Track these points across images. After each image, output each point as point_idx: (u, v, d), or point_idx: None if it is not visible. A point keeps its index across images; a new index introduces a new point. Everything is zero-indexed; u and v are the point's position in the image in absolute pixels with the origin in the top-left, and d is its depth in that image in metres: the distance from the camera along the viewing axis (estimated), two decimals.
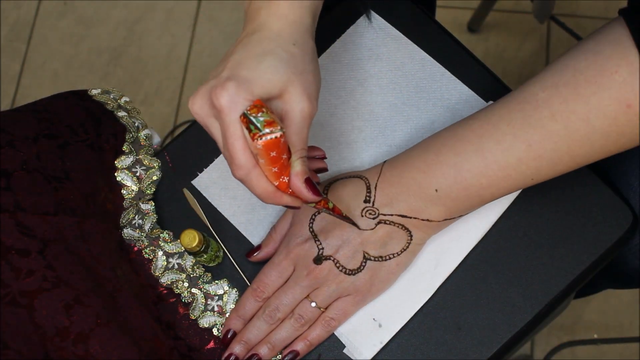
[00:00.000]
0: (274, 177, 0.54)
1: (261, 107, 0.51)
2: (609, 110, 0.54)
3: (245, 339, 0.64)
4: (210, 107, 0.53)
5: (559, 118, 0.55)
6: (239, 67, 0.53)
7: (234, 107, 0.51)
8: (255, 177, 0.53)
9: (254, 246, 0.69)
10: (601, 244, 0.65)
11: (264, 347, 0.64)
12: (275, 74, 0.52)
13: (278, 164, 0.53)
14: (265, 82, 0.52)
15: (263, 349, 0.63)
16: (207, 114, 0.54)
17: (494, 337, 0.64)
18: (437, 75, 0.72)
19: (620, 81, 0.53)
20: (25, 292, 0.58)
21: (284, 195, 0.55)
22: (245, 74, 0.52)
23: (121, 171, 0.69)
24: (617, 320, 1.29)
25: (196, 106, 0.54)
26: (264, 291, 0.64)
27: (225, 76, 0.52)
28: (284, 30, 0.55)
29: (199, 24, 1.54)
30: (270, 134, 0.50)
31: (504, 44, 1.46)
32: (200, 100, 0.53)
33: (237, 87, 0.51)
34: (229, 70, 0.53)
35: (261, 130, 0.50)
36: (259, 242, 0.68)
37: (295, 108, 0.53)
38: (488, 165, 0.59)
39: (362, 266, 0.63)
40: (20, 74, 1.53)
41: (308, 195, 0.54)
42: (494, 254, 0.66)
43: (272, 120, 0.50)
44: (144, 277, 0.67)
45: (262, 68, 0.52)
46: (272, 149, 0.51)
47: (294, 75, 0.53)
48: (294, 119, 0.53)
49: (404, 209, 0.63)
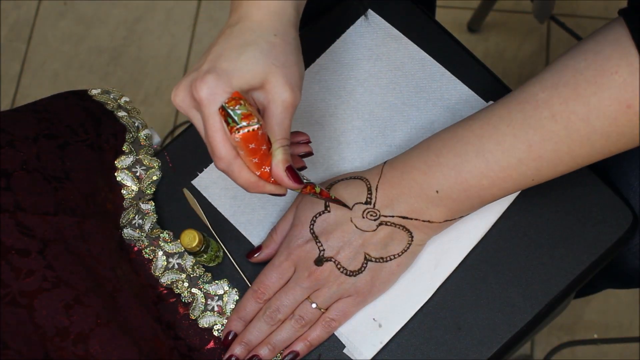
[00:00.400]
0: (255, 167, 0.54)
1: (239, 100, 0.51)
2: (609, 111, 0.54)
3: (245, 340, 0.64)
4: (191, 99, 0.54)
5: (559, 119, 0.55)
6: (219, 59, 0.53)
7: (213, 99, 0.52)
8: (237, 168, 0.54)
9: (254, 246, 0.69)
10: (601, 244, 0.65)
11: (264, 348, 0.64)
12: (256, 65, 0.53)
13: (258, 155, 0.54)
14: (245, 73, 0.53)
15: (263, 350, 0.63)
16: (188, 106, 0.54)
17: (494, 337, 0.64)
18: (437, 75, 0.72)
19: (620, 81, 0.53)
20: (25, 292, 0.58)
21: (266, 184, 0.56)
22: (225, 66, 0.53)
23: (121, 171, 0.69)
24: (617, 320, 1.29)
25: (178, 98, 0.55)
26: (264, 292, 0.64)
27: (205, 69, 0.53)
28: (265, 21, 0.55)
29: (199, 24, 1.54)
30: (248, 127, 0.51)
31: (504, 44, 1.46)
32: (182, 93, 0.54)
33: (217, 80, 0.52)
34: (210, 62, 0.53)
35: (238, 123, 0.51)
36: (259, 242, 0.68)
37: (276, 98, 0.54)
38: (489, 166, 0.59)
39: (363, 267, 0.63)
40: (20, 74, 1.53)
41: (289, 183, 0.55)
42: (494, 254, 0.66)
43: (249, 113, 0.51)
44: (144, 277, 0.67)
45: (243, 59, 0.53)
46: (250, 141, 0.52)
47: (275, 66, 0.53)
48: (275, 109, 0.54)
49: (405, 210, 0.63)
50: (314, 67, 0.73)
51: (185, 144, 0.72)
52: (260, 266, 0.66)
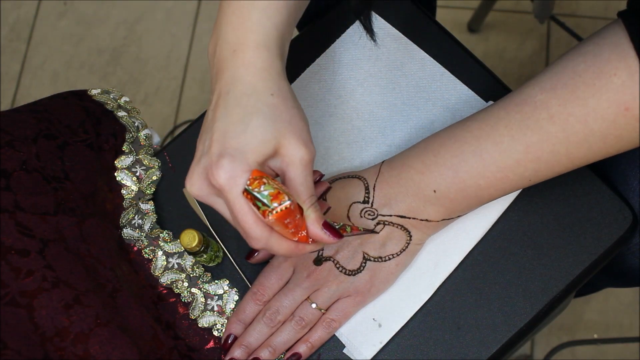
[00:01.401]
0: (292, 236, 0.53)
1: (261, 179, 0.49)
2: (607, 113, 0.54)
3: (245, 343, 0.64)
4: (209, 187, 0.52)
5: (557, 120, 0.55)
6: (226, 137, 0.51)
7: (234, 183, 0.50)
8: (275, 243, 0.52)
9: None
10: (601, 244, 0.65)
11: (265, 350, 0.63)
12: (265, 134, 0.51)
13: (293, 226, 0.52)
14: (257, 146, 0.51)
15: (264, 353, 0.63)
16: (208, 193, 0.53)
17: (494, 336, 0.64)
18: (437, 75, 0.72)
19: (618, 84, 0.53)
20: (25, 292, 0.58)
21: (306, 245, 0.54)
22: (235, 144, 0.51)
23: (121, 171, 0.69)
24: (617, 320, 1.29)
25: (195, 188, 0.53)
26: (264, 294, 0.64)
27: (216, 153, 0.51)
28: (257, 82, 0.53)
29: (199, 24, 1.54)
30: (280, 206, 0.49)
31: (504, 44, 1.46)
32: (199, 182, 0.52)
33: (232, 162, 0.50)
34: (218, 143, 0.51)
35: (269, 205, 0.49)
36: None
37: (294, 160, 0.52)
38: (486, 167, 0.59)
39: (361, 267, 0.63)
40: (20, 74, 1.53)
41: (330, 240, 0.54)
42: (494, 254, 0.66)
43: (277, 192, 0.49)
44: (143, 277, 0.67)
45: (250, 132, 0.51)
46: (285, 217, 0.50)
47: (283, 128, 0.52)
48: (296, 171, 0.52)
49: (403, 209, 0.63)
50: (314, 67, 0.73)
51: (185, 144, 0.72)
52: (260, 266, 0.66)
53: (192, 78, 1.50)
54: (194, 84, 1.50)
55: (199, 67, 1.51)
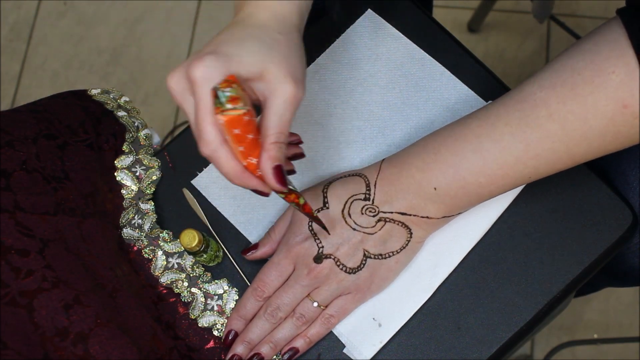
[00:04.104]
0: (241, 156, 0.52)
1: (231, 83, 0.50)
2: (606, 110, 0.54)
3: (247, 339, 0.64)
4: (185, 81, 0.52)
5: (557, 118, 0.55)
6: (221, 44, 0.52)
7: (208, 79, 0.50)
8: (223, 155, 0.52)
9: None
10: (601, 244, 0.65)
11: (265, 346, 0.64)
12: (257, 54, 0.52)
13: (244, 143, 0.51)
14: (244, 60, 0.52)
15: (265, 348, 0.63)
16: (182, 89, 0.52)
17: (494, 336, 0.64)
18: (437, 75, 0.72)
19: (617, 81, 0.53)
20: (25, 292, 0.58)
21: (251, 177, 0.54)
22: (225, 50, 0.52)
23: (121, 171, 0.69)
24: (617, 320, 1.29)
25: (173, 81, 0.52)
26: (264, 291, 0.64)
27: (205, 51, 0.52)
28: (270, 22, 0.54)
29: (199, 24, 1.54)
30: (232, 110, 0.49)
31: (504, 44, 1.46)
32: (177, 75, 0.52)
33: (215, 61, 0.50)
34: (211, 46, 0.52)
35: (224, 105, 0.49)
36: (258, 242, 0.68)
37: (277, 88, 0.52)
38: (486, 165, 0.59)
39: (362, 264, 0.63)
40: (20, 74, 1.53)
41: (273, 182, 0.53)
42: (494, 254, 0.66)
43: (237, 97, 0.49)
44: (143, 277, 0.67)
45: (245, 47, 0.52)
46: (235, 126, 0.50)
47: (277, 57, 0.52)
48: (275, 100, 0.52)
49: (403, 206, 0.63)
50: (314, 66, 0.73)
51: (185, 144, 0.72)
52: (260, 265, 0.66)
53: None
54: None
55: None
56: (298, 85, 0.53)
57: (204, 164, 0.71)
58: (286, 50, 0.53)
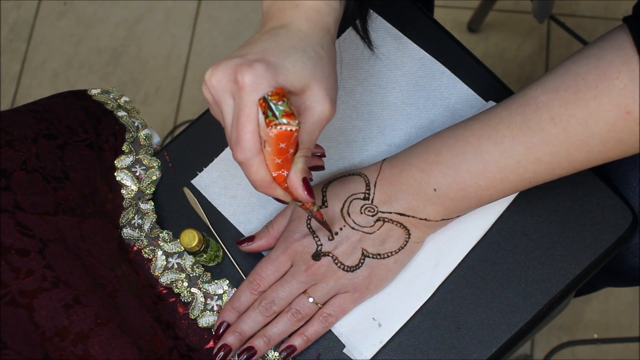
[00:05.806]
0: (275, 167, 0.53)
1: (283, 96, 0.50)
2: (608, 116, 0.54)
3: (239, 330, 0.64)
4: (229, 83, 0.51)
5: (559, 122, 0.55)
6: (267, 53, 0.52)
7: (256, 88, 0.50)
8: (256, 163, 0.52)
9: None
10: (601, 244, 0.65)
11: (259, 340, 0.63)
12: (302, 69, 0.52)
13: (283, 157, 0.52)
14: (291, 74, 0.51)
15: (259, 342, 0.63)
16: (224, 88, 0.52)
17: (494, 336, 0.64)
18: (437, 74, 0.72)
19: (620, 87, 0.53)
20: (25, 292, 0.58)
21: (278, 187, 0.54)
22: (273, 61, 0.51)
23: (121, 171, 0.69)
24: (617, 320, 1.29)
25: (215, 78, 0.52)
26: (259, 284, 0.64)
27: (253, 58, 0.51)
28: (313, 34, 0.54)
29: (199, 24, 1.54)
30: (287, 125, 0.49)
31: (504, 44, 1.46)
32: (221, 73, 0.51)
33: (265, 70, 0.50)
34: (257, 54, 0.52)
35: (278, 119, 0.49)
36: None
37: (315, 107, 0.53)
38: (486, 167, 0.59)
39: (360, 263, 0.63)
40: (20, 74, 1.53)
41: (302, 194, 0.54)
42: (494, 254, 0.66)
43: (291, 112, 0.49)
44: (143, 277, 0.67)
45: (291, 60, 0.52)
46: (283, 140, 0.50)
47: (320, 76, 0.53)
48: (310, 118, 0.53)
49: (403, 207, 0.63)
50: None
51: (185, 144, 0.72)
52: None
53: (192, 78, 1.51)
54: (194, 84, 1.50)
55: (199, 67, 1.51)
56: (332, 106, 0.53)
57: (204, 164, 0.71)
58: (327, 69, 0.54)
